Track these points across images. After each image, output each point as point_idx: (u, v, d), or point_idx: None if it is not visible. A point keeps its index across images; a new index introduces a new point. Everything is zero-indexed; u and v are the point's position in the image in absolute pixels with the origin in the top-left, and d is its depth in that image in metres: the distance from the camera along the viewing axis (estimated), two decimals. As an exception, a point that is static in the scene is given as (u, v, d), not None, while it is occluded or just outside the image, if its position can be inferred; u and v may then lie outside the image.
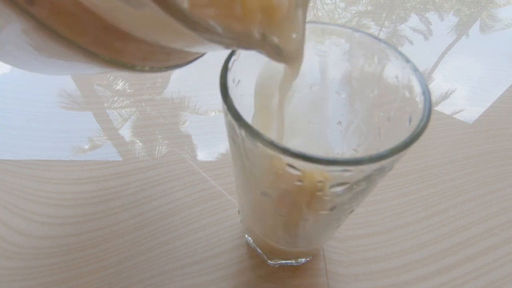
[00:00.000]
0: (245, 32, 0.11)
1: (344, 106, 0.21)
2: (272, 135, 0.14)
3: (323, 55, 0.19)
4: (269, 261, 0.26)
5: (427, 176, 0.33)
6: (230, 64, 0.15)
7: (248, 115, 0.15)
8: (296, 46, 0.14)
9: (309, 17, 0.60)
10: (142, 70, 0.12)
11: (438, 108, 0.41)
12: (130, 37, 0.10)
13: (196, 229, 0.28)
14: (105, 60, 0.11)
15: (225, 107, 0.14)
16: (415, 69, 0.15)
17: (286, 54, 0.13)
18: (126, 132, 0.36)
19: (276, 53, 0.13)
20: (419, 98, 0.15)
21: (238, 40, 0.11)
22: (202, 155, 0.34)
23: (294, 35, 0.13)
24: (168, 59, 0.13)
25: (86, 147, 0.34)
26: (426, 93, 0.14)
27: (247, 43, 0.12)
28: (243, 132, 0.13)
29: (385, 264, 0.26)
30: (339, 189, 0.14)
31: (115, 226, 0.28)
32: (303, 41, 0.14)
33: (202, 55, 0.15)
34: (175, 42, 0.12)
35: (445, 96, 0.43)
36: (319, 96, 0.21)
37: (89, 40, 0.10)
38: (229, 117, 0.13)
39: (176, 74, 0.44)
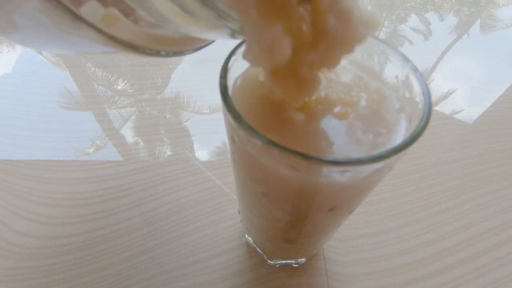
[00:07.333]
0: None
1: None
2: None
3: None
4: (269, 261, 0.26)
5: (427, 176, 0.33)
6: (230, 64, 0.15)
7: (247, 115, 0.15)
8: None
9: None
10: (149, 53, 0.12)
11: (438, 108, 0.41)
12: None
13: (196, 229, 0.28)
14: (119, 42, 0.10)
15: (225, 107, 0.14)
16: (415, 69, 0.15)
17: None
18: (126, 132, 0.36)
19: None
20: (419, 98, 0.15)
21: None
22: (202, 155, 0.34)
23: None
24: (178, 45, 0.13)
25: (86, 147, 0.34)
26: (426, 93, 0.14)
27: None
28: (243, 132, 0.13)
29: (385, 264, 0.26)
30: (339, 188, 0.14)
31: (115, 226, 0.28)
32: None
33: (210, 43, 0.15)
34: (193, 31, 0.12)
35: (445, 96, 0.43)
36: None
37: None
38: (229, 117, 0.13)
39: (177, 74, 0.44)
